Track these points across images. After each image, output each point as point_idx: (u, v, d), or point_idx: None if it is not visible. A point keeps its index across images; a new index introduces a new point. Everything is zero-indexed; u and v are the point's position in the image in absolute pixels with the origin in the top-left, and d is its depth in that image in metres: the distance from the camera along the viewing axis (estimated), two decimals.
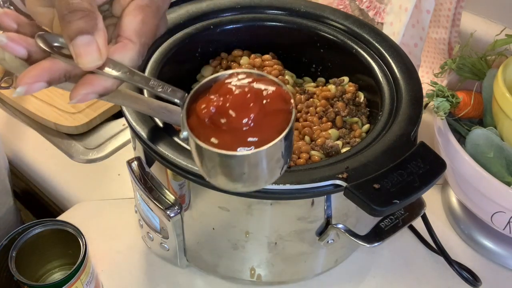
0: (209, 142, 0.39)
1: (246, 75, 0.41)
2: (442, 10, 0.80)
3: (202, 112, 0.39)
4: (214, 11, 0.68)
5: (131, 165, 0.60)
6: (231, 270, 0.64)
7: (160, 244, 0.64)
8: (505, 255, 0.70)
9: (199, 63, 0.70)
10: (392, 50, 0.64)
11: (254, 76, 0.42)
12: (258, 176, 0.41)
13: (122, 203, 0.75)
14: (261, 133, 0.39)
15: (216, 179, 0.42)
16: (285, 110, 0.40)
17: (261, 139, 0.39)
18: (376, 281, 0.68)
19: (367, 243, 0.56)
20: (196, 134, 0.40)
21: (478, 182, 0.63)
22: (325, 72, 0.71)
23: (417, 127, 0.56)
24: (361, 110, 0.66)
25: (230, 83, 0.41)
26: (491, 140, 0.64)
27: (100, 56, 0.37)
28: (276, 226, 0.56)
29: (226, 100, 0.39)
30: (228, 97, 0.39)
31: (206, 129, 0.39)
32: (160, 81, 0.41)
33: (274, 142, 0.39)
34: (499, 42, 0.72)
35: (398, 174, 0.49)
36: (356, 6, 0.86)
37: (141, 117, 0.54)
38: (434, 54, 0.87)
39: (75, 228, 0.58)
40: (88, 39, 0.37)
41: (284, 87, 0.41)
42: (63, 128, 0.86)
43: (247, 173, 0.40)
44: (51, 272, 0.64)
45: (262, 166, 0.40)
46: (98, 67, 0.38)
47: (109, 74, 0.39)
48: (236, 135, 0.39)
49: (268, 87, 0.41)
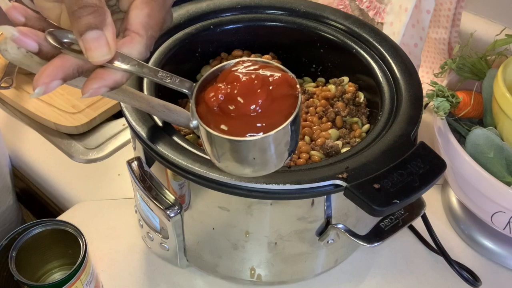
0: (219, 129, 0.40)
1: (252, 63, 0.43)
2: (442, 10, 0.80)
3: (211, 100, 0.40)
4: (214, 11, 0.68)
5: (131, 165, 0.60)
6: (231, 270, 0.64)
7: (160, 244, 0.64)
8: (505, 255, 0.70)
9: (199, 63, 0.70)
10: (392, 50, 0.64)
11: (260, 64, 0.42)
12: (268, 161, 0.42)
13: (122, 203, 0.75)
14: (269, 118, 0.40)
15: (227, 165, 0.43)
16: (291, 95, 0.41)
17: (269, 124, 0.40)
18: (376, 281, 0.68)
19: (367, 243, 0.56)
20: (205, 122, 0.40)
21: (478, 182, 0.63)
22: (325, 72, 0.71)
23: (417, 127, 0.56)
24: (361, 110, 0.66)
25: (236, 71, 0.42)
26: (491, 140, 0.64)
27: (109, 50, 0.38)
28: (276, 226, 0.56)
29: (234, 87, 0.40)
30: (235, 84, 0.40)
31: (215, 117, 0.40)
32: (168, 72, 0.42)
33: (282, 127, 0.40)
34: (499, 42, 0.72)
35: (398, 174, 0.49)
36: (356, 6, 0.86)
37: (141, 116, 0.54)
38: (434, 54, 0.87)
39: (75, 228, 0.58)
40: (97, 34, 0.37)
41: (289, 73, 0.42)
42: (63, 128, 0.86)
43: (257, 158, 0.41)
44: (51, 272, 0.64)
45: (271, 151, 0.41)
46: (107, 61, 0.39)
47: (119, 67, 0.39)
48: (245, 121, 0.40)
49: (274, 73, 0.42)
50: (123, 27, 0.42)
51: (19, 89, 0.91)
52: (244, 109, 0.40)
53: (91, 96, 0.39)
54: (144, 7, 0.41)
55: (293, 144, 0.43)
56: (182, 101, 0.67)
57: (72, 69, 0.39)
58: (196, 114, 0.41)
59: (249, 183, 0.49)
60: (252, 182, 0.49)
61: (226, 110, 0.40)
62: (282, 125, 0.40)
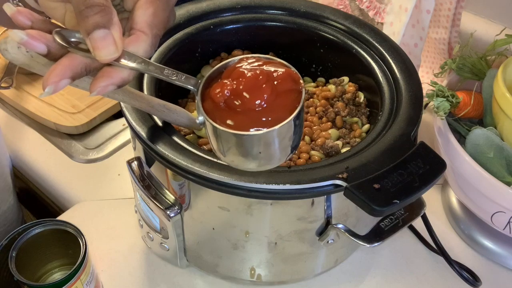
0: (225, 124, 0.41)
1: (256, 59, 0.43)
2: (442, 10, 0.80)
3: (217, 96, 0.41)
4: (214, 11, 0.68)
5: (131, 165, 0.60)
6: (231, 270, 0.64)
7: (160, 244, 0.64)
8: (505, 255, 0.70)
9: (199, 63, 0.70)
10: (392, 50, 0.64)
11: (263, 60, 0.43)
12: (272, 155, 0.44)
13: (122, 203, 0.75)
14: (274, 113, 0.41)
15: (232, 159, 0.44)
16: (295, 90, 0.42)
17: (274, 119, 0.41)
18: (376, 281, 0.68)
19: (367, 243, 0.56)
20: (211, 118, 0.41)
21: (478, 182, 0.63)
22: (325, 72, 0.71)
23: (417, 127, 0.56)
24: (361, 110, 0.66)
25: (241, 67, 0.43)
26: (491, 140, 0.64)
27: (116, 49, 0.39)
28: (276, 226, 0.56)
29: (240, 82, 0.41)
30: (241, 80, 0.41)
31: (221, 112, 0.41)
32: (173, 69, 0.43)
33: (287, 121, 0.41)
34: (499, 42, 0.72)
35: (398, 174, 0.49)
36: (356, 6, 0.86)
37: (141, 116, 0.54)
38: (434, 54, 0.87)
39: (75, 228, 0.58)
40: (104, 32, 0.38)
41: (293, 68, 0.43)
42: (63, 128, 0.86)
43: (262, 152, 0.42)
44: (51, 272, 0.64)
45: (276, 145, 0.43)
46: (115, 59, 0.39)
47: (126, 65, 0.40)
48: (251, 116, 0.41)
49: (278, 68, 0.42)
50: (128, 26, 0.42)
51: (19, 89, 0.91)
52: (250, 104, 0.41)
53: (98, 94, 0.40)
54: (149, 6, 0.42)
55: (296, 139, 0.44)
56: (182, 101, 0.67)
57: (80, 67, 0.39)
58: (203, 110, 0.42)
59: (249, 183, 0.49)
60: (252, 182, 0.49)
61: (232, 105, 0.41)
62: (287, 119, 0.41)
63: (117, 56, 0.39)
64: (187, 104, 0.67)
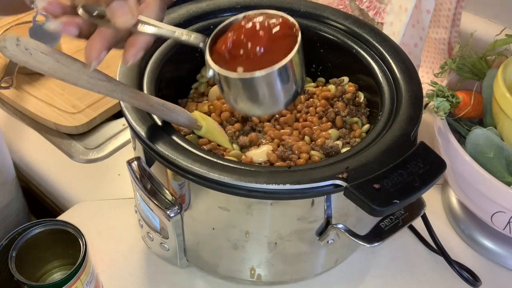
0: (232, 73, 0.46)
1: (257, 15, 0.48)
2: (442, 10, 0.80)
3: (222, 48, 0.47)
4: (214, 11, 0.68)
5: (131, 165, 0.60)
6: (231, 270, 0.64)
7: (160, 244, 0.64)
8: (505, 255, 0.70)
9: (199, 63, 0.70)
10: (392, 50, 0.64)
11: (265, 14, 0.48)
12: (277, 97, 0.48)
13: (122, 203, 0.75)
14: (274, 56, 0.46)
15: (242, 106, 0.50)
16: (291, 34, 0.47)
17: (275, 62, 0.45)
18: (376, 281, 0.68)
19: (367, 243, 0.56)
20: None
21: (478, 182, 0.63)
22: (325, 72, 0.71)
23: (417, 127, 0.56)
24: (361, 110, 0.66)
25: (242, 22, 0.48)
26: (491, 140, 0.64)
27: (132, 16, 0.44)
28: (276, 226, 0.56)
29: (240, 34, 0.47)
30: (241, 31, 0.47)
31: (227, 65, 0.46)
32: (183, 29, 0.48)
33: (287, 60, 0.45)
34: (499, 42, 0.72)
35: (398, 174, 0.49)
36: (356, 6, 0.86)
37: (141, 116, 0.54)
38: (434, 54, 0.87)
39: (75, 228, 0.58)
40: (121, 3, 0.43)
41: (289, 17, 0.48)
42: (63, 128, 0.86)
43: (266, 94, 0.47)
44: (51, 272, 0.64)
45: (278, 86, 0.47)
46: (133, 26, 0.44)
47: (143, 31, 0.46)
48: (253, 62, 0.46)
49: (275, 19, 0.48)
50: None
51: (19, 89, 0.91)
52: (250, 50, 0.45)
53: (133, 61, 0.45)
54: None
55: (299, 81, 0.49)
56: (182, 101, 0.67)
57: (109, 38, 0.45)
58: (211, 63, 0.47)
59: (249, 183, 0.49)
60: (252, 182, 0.49)
61: (235, 54, 0.46)
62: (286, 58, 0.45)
63: (134, 22, 0.44)
64: (187, 104, 0.67)
